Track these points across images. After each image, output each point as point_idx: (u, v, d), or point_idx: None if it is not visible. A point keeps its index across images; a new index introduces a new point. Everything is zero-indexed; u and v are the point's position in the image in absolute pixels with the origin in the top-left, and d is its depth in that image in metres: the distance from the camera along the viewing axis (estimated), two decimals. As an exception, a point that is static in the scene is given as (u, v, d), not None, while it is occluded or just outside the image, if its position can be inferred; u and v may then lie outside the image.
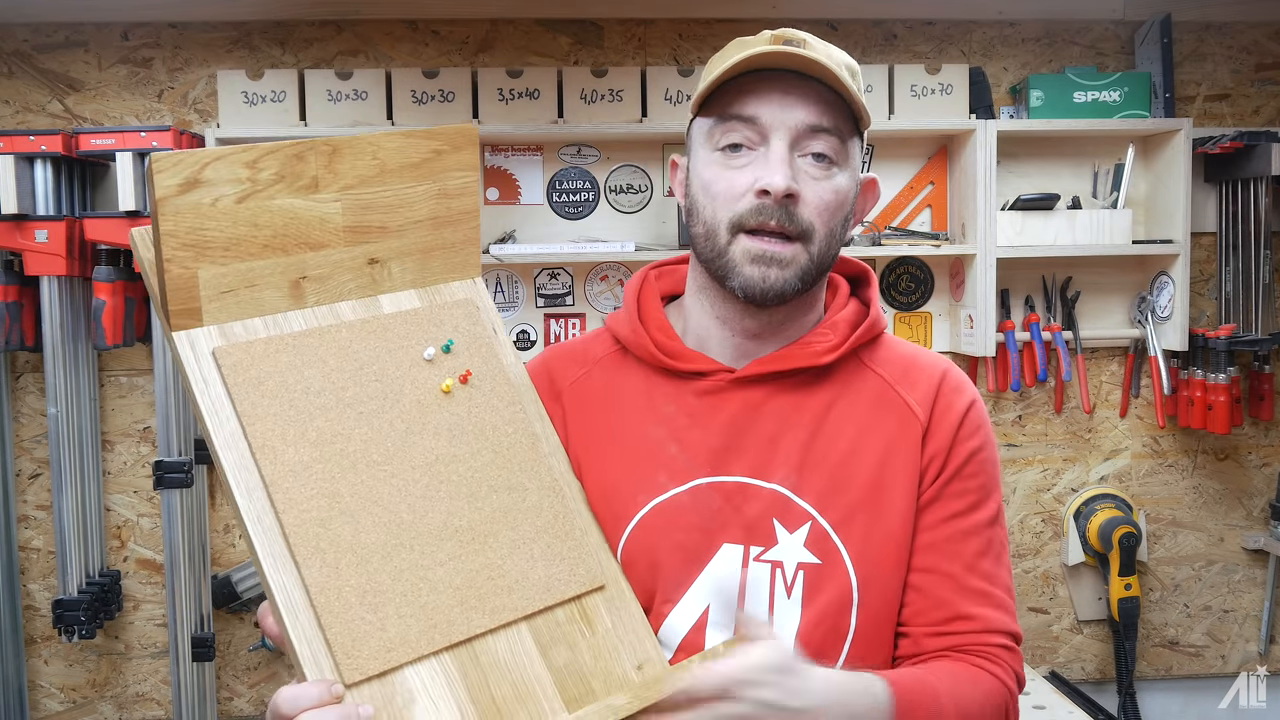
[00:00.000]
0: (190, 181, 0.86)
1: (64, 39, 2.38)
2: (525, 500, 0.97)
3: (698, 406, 1.03)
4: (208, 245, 0.88)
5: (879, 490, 0.99)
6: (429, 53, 2.44)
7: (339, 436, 0.91)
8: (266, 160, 0.91)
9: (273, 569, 0.84)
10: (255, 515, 0.85)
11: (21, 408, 2.41)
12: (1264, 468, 2.64)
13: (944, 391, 1.03)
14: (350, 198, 0.95)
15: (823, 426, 1.01)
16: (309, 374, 0.92)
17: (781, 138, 0.95)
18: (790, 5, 2.42)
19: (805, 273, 0.98)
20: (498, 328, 1.04)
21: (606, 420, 1.05)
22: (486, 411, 0.99)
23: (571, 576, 0.95)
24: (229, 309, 0.91)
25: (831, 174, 0.97)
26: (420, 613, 0.87)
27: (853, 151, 1.00)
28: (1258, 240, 2.45)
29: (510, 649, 0.90)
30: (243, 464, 0.87)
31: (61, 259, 2.19)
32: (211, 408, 0.88)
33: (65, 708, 2.46)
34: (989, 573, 1.01)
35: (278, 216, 0.92)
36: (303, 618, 0.83)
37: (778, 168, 0.94)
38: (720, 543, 0.99)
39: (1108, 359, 2.61)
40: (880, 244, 2.45)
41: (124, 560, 2.44)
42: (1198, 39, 2.56)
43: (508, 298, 2.51)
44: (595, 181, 2.49)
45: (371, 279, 0.98)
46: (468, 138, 1.02)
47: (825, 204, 0.97)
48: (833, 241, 0.99)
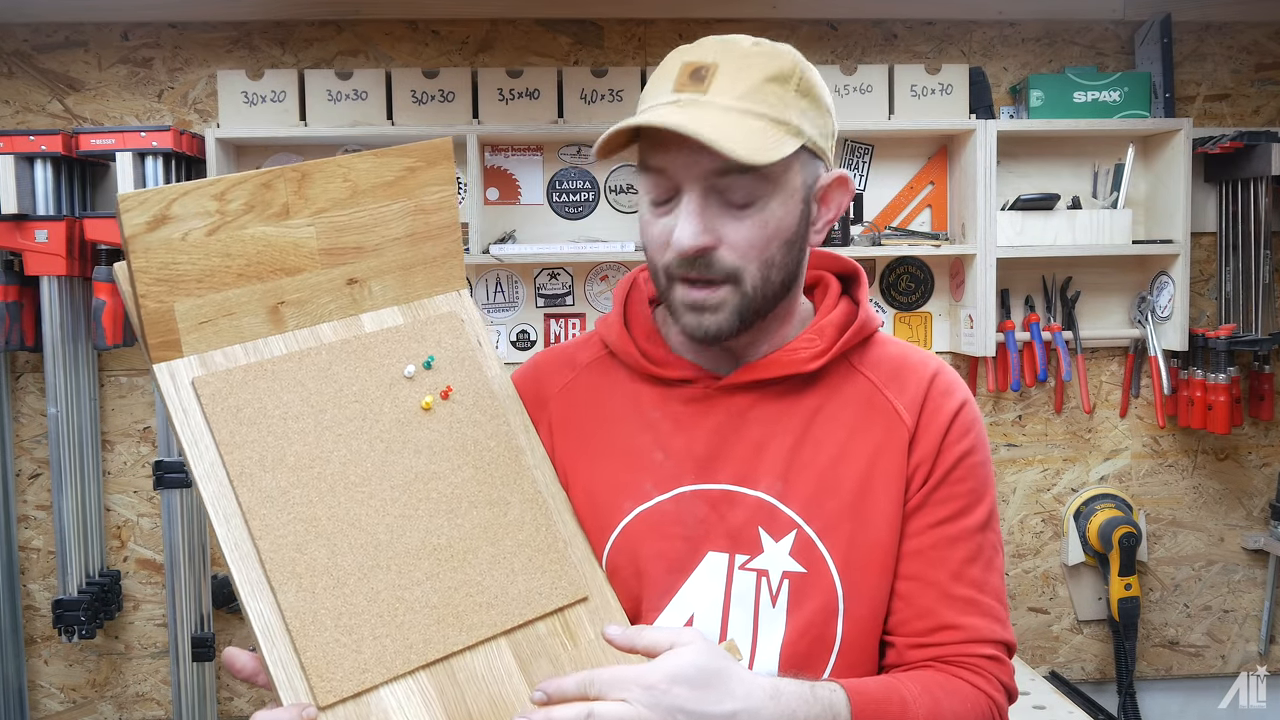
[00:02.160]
0: (158, 218, 0.88)
1: (64, 39, 2.38)
2: (507, 514, 0.97)
3: (684, 413, 1.02)
4: (181, 279, 0.90)
5: (865, 497, 0.98)
6: (429, 53, 2.44)
7: (317, 460, 0.91)
8: (234, 191, 0.92)
9: (249, 595, 0.85)
10: (233, 543, 0.86)
11: (21, 408, 2.41)
12: (1264, 468, 2.64)
13: (933, 395, 1.02)
14: (324, 221, 0.96)
15: (809, 433, 1.00)
16: (287, 399, 0.93)
17: (692, 188, 0.92)
18: (790, 5, 2.43)
19: (742, 311, 0.96)
20: (483, 340, 1.04)
21: (593, 427, 1.05)
22: (468, 426, 0.99)
23: (554, 589, 0.95)
24: (208, 338, 0.92)
25: (752, 211, 0.94)
26: (396, 633, 0.88)
27: (784, 172, 0.94)
28: (1258, 240, 2.45)
29: (489, 665, 0.90)
30: (221, 493, 0.88)
31: (61, 259, 2.19)
32: (192, 438, 0.89)
33: (65, 708, 2.46)
34: (978, 580, 0.99)
35: (250, 245, 0.93)
36: (278, 643, 0.84)
37: (684, 225, 0.92)
38: (705, 551, 0.98)
39: (1108, 359, 2.61)
40: (880, 244, 2.45)
41: (124, 560, 2.44)
42: (1198, 39, 2.56)
43: (508, 298, 2.51)
44: (595, 181, 2.49)
45: (352, 299, 0.99)
46: (441, 152, 1.02)
47: (749, 243, 0.94)
48: (770, 271, 0.96)
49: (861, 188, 2.53)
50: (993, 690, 0.96)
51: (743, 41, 0.96)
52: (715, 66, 0.93)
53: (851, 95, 2.42)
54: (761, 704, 0.83)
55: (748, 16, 2.46)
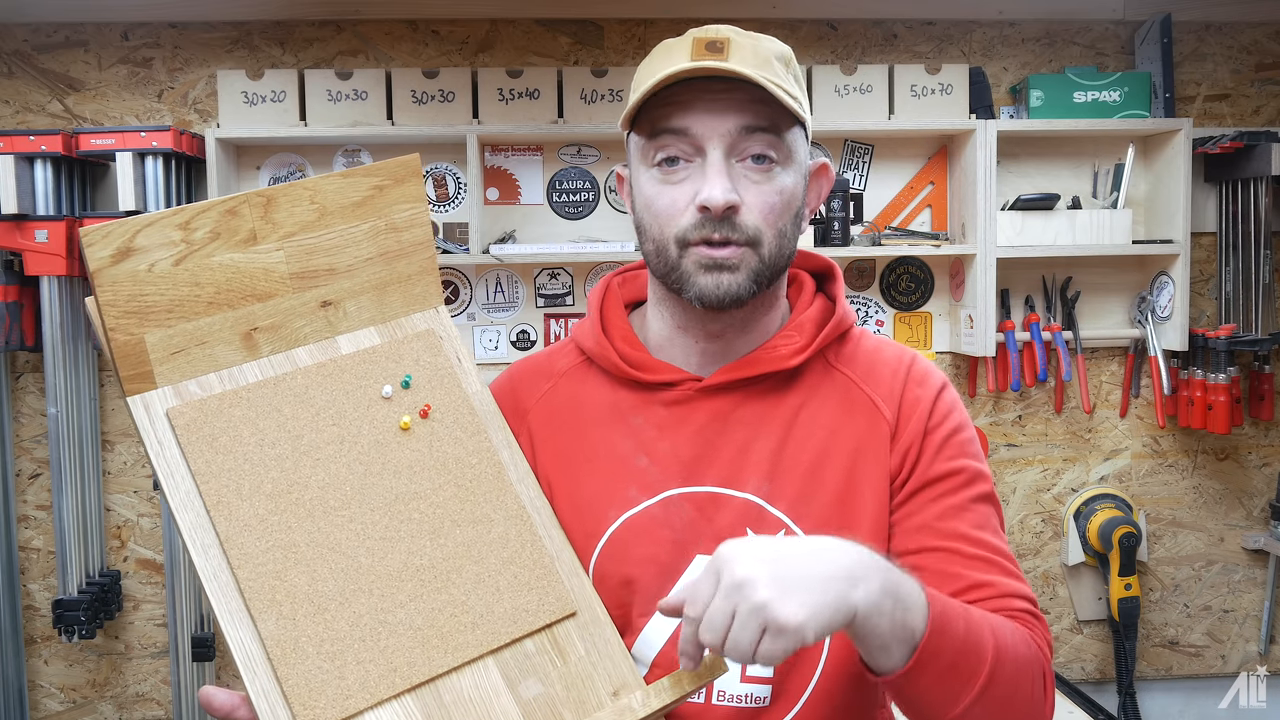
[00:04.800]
0: (123, 251, 0.88)
1: (64, 39, 2.38)
2: (491, 532, 0.95)
3: (666, 417, 1.02)
4: (149, 310, 0.89)
5: (850, 494, 0.98)
6: (429, 53, 2.44)
7: (295, 485, 0.91)
8: (199, 220, 0.91)
9: (229, 625, 0.84)
10: (212, 573, 0.86)
11: (21, 408, 2.41)
12: (1264, 468, 2.64)
13: (910, 385, 1.02)
14: (293, 245, 0.96)
15: (792, 432, 1.00)
16: (263, 425, 0.92)
17: (716, 146, 0.94)
18: (790, 5, 2.43)
19: (758, 275, 0.96)
20: (462, 356, 1.03)
21: (574, 435, 1.04)
22: (448, 444, 0.98)
23: (541, 606, 0.94)
24: (181, 368, 0.91)
25: (773, 174, 0.95)
26: (380, 657, 0.87)
27: (794, 145, 0.97)
28: (1258, 240, 2.45)
29: (476, 685, 0.89)
30: (198, 523, 0.87)
31: (61, 259, 2.19)
32: (167, 469, 0.88)
33: (65, 708, 2.46)
34: (992, 545, 0.97)
35: (219, 273, 0.92)
36: (260, 671, 0.84)
37: (715, 180, 0.93)
38: (694, 554, 0.97)
39: (1108, 359, 2.61)
40: (880, 244, 2.45)
41: (124, 560, 2.44)
42: (1198, 39, 2.56)
43: (508, 298, 2.51)
44: (595, 181, 2.49)
45: (327, 321, 0.98)
46: (409, 169, 1.01)
47: (770, 206, 0.95)
48: (783, 241, 0.97)
49: (861, 188, 2.53)
50: (1039, 640, 0.94)
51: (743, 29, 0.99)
52: (729, 40, 0.95)
53: (851, 95, 2.42)
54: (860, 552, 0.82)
55: (748, 16, 2.46)
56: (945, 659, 0.84)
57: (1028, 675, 0.90)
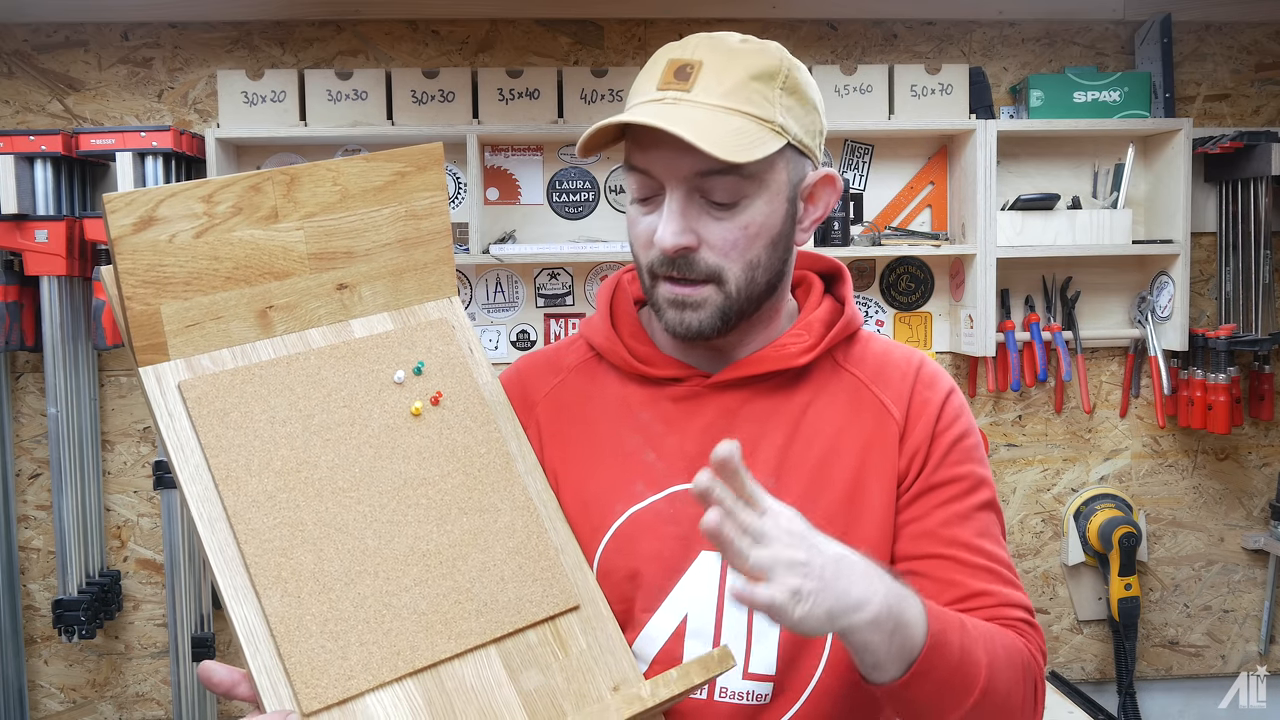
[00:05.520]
0: (145, 220, 0.87)
1: (64, 39, 2.38)
2: (497, 521, 0.95)
3: (674, 413, 1.02)
4: (168, 281, 0.89)
5: (857, 493, 0.98)
6: (429, 53, 2.44)
7: (304, 464, 0.90)
8: (223, 193, 0.91)
9: (233, 600, 0.84)
10: (218, 547, 0.85)
11: (21, 408, 2.41)
12: (1264, 468, 2.64)
13: (919, 388, 1.03)
14: (313, 225, 0.95)
15: (799, 429, 1.00)
16: (275, 403, 0.92)
17: (675, 188, 0.93)
18: (790, 5, 2.43)
19: (724, 311, 0.96)
20: (474, 346, 1.03)
21: (582, 430, 1.04)
22: (458, 433, 0.98)
23: (544, 597, 0.94)
24: (195, 342, 0.91)
25: (738, 209, 0.94)
26: (383, 639, 0.86)
27: (768, 172, 0.94)
28: (1258, 240, 2.45)
29: (478, 674, 0.89)
30: (206, 497, 0.87)
31: (61, 259, 2.19)
32: (177, 442, 0.88)
33: (65, 708, 2.46)
34: (992, 553, 0.99)
35: (238, 248, 0.92)
36: (263, 648, 0.83)
37: (668, 223, 0.92)
38: (698, 550, 0.97)
39: (1108, 359, 2.61)
40: (880, 244, 2.45)
41: (124, 560, 2.44)
42: (1198, 39, 2.56)
43: (508, 298, 2.51)
44: (595, 181, 2.49)
45: (342, 304, 0.98)
46: (432, 157, 1.01)
47: (731, 243, 0.94)
48: (755, 272, 0.96)
49: (861, 188, 2.54)
50: (1034, 649, 0.96)
51: (730, 39, 0.96)
52: (700, 64, 0.94)
53: (851, 95, 2.42)
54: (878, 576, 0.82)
55: (748, 16, 2.46)
56: (939, 675, 0.85)
57: (1020, 689, 0.92)
